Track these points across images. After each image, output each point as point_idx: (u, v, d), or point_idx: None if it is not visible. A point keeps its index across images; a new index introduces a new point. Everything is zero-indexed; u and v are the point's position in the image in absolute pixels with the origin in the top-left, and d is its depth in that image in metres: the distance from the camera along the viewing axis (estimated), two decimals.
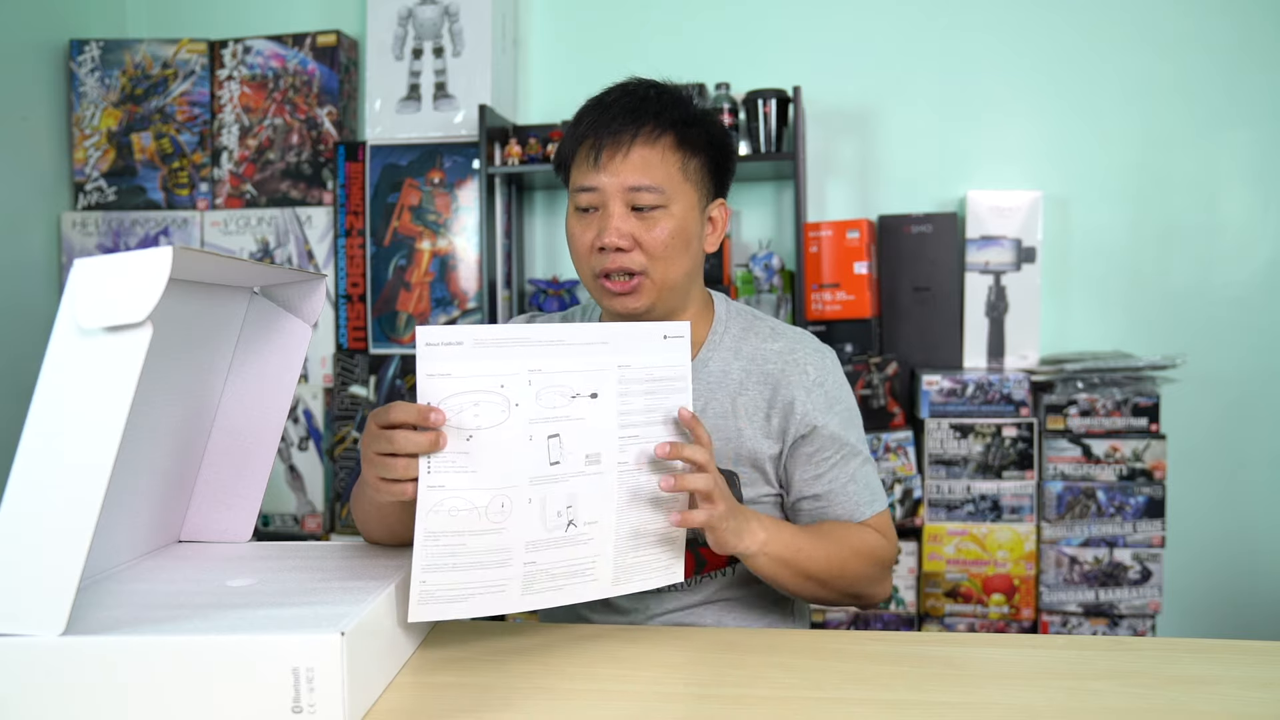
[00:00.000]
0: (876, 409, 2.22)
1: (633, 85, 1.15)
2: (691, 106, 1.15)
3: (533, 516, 0.92)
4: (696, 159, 1.13)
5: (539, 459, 0.92)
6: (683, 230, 1.12)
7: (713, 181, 1.17)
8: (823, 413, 1.17)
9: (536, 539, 0.93)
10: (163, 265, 0.75)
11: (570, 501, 0.94)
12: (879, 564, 1.16)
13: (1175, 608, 2.31)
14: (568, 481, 0.93)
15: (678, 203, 1.12)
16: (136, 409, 0.95)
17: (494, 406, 0.89)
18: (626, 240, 1.10)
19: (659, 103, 1.12)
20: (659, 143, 1.11)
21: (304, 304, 1.12)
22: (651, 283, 1.12)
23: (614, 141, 1.10)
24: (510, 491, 0.90)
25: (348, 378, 2.51)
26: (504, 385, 0.90)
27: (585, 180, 1.12)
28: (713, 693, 0.89)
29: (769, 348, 1.20)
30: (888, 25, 2.47)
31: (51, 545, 0.77)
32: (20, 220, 2.46)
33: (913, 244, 2.35)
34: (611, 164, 1.10)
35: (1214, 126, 2.36)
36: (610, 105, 1.12)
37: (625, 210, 1.11)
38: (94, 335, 0.76)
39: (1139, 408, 2.13)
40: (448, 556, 0.89)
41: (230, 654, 0.76)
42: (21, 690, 0.77)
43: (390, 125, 2.49)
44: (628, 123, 1.10)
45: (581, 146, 1.13)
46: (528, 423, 0.91)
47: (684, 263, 1.14)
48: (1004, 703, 0.85)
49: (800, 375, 1.18)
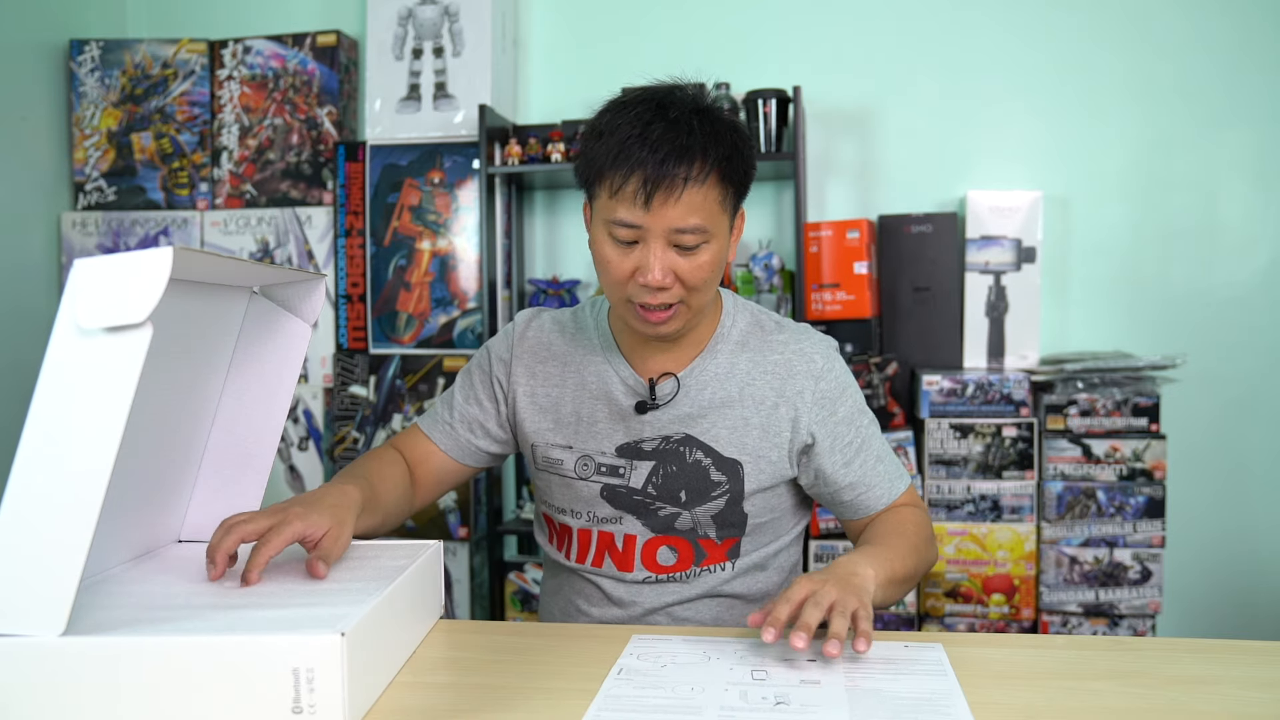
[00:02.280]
0: (876, 409, 2.22)
1: (674, 113, 1.08)
2: (730, 131, 1.11)
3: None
4: (734, 188, 1.12)
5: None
6: (720, 258, 1.12)
7: (740, 195, 1.15)
8: (835, 401, 1.20)
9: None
10: (163, 266, 0.75)
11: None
12: (932, 537, 1.23)
13: (1175, 608, 2.31)
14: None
15: (718, 235, 1.11)
16: (136, 409, 0.95)
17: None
18: (669, 278, 1.09)
19: (704, 136, 1.07)
20: (707, 182, 1.07)
21: (304, 304, 1.12)
22: (688, 309, 1.13)
23: (668, 185, 1.05)
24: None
25: (348, 378, 2.51)
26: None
27: (628, 216, 1.07)
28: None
29: (775, 339, 1.22)
30: (888, 25, 2.47)
31: (51, 546, 0.77)
32: (20, 220, 2.46)
33: (913, 244, 2.35)
34: (662, 207, 1.06)
35: (1214, 126, 2.36)
36: (658, 141, 1.06)
37: (667, 247, 1.08)
38: (94, 336, 0.76)
39: (1139, 408, 2.13)
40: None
41: (230, 654, 0.76)
42: (21, 690, 0.77)
43: (390, 125, 2.49)
44: (679, 164, 1.05)
45: (628, 181, 1.06)
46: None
47: (716, 285, 1.15)
48: (1004, 703, 0.85)
49: (808, 364, 1.20)
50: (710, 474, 1.19)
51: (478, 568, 2.46)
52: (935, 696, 0.86)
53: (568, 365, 1.25)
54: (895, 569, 1.10)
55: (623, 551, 1.22)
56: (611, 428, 1.21)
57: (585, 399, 1.23)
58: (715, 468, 1.19)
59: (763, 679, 0.90)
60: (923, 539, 1.19)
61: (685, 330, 1.17)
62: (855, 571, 1.03)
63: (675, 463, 1.19)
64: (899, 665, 0.93)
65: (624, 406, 1.21)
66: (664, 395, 1.20)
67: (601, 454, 1.21)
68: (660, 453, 1.20)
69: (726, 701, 0.84)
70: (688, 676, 0.90)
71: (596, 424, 1.22)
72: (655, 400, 1.20)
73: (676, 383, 1.20)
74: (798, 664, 0.94)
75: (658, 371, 1.21)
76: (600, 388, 1.22)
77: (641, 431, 1.20)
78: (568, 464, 1.23)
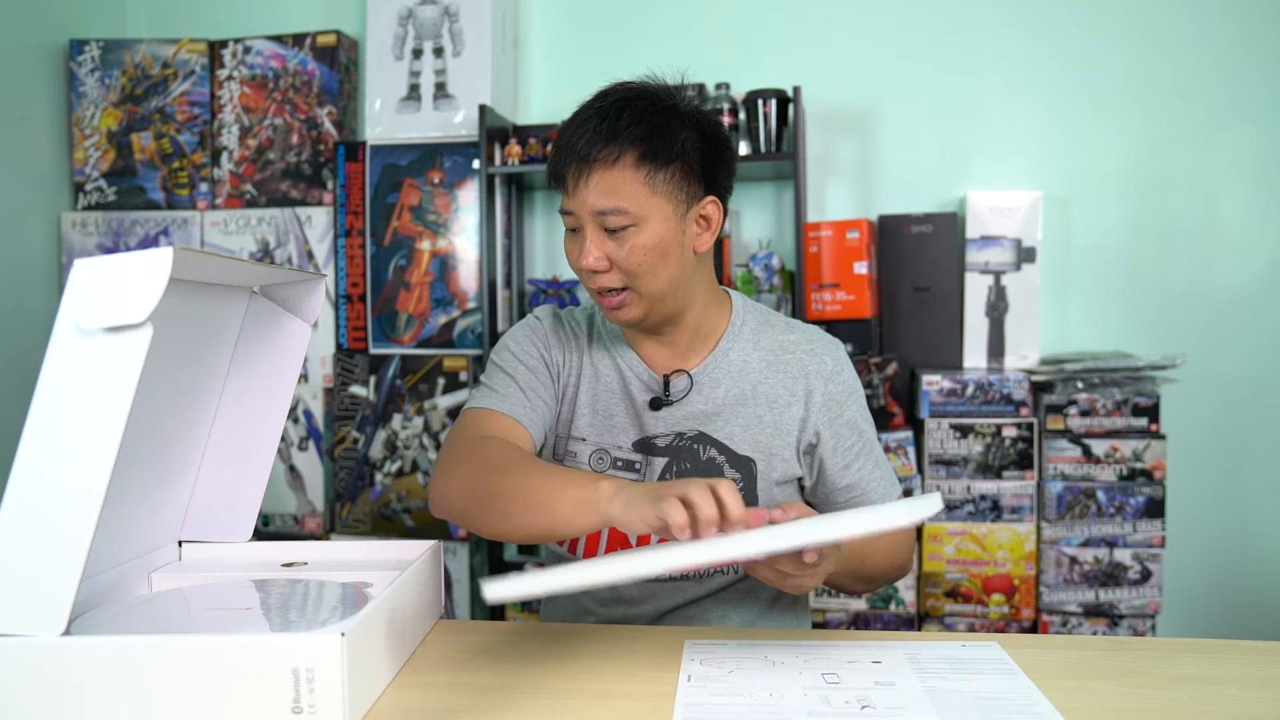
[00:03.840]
0: (876, 409, 2.22)
1: (607, 103, 1.12)
2: (662, 115, 1.11)
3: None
4: (666, 170, 1.10)
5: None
6: (657, 245, 1.11)
7: (697, 184, 1.14)
8: (842, 403, 1.22)
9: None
10: (163, 266, 0.75)
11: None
12: (911, 546, 1.26)
13: (1175, 608, 2.31)
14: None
15: (649, 219, 1.10)
16: (137, 408, 0.95)
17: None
18: (602, 262, 1.11)
19: (619, 120, 1.09)
20: (618, 164, 1.09)
21: (304, 304, 1.13)
22: (638, 295, 1.14)
23: (576, 167, 1.10)
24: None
25: (348, 378, 2.51)
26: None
27: (563, 204, 1.13)
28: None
29: (786, 339, 1.24)
30: (888, 25, 2.47)
31: (52, 545, 0.77)
32: (20, 220, 2.46)
33: (913, 244, 2.35)
34: (577, 189, 1.10)
35: (1214, 126, 2.36)
36: (578, 128, 1.11)
37: (599, 232, 1.11)
38: (94, 336, 0.76)
39: (1139, 408, 2.13)
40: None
41: (230, 654, 0.76)
42: (21, 690, 0.77)
43: (390, 125, 2.49)
44: (588, 147, 1.09)
45: (556, 167, 1.13)
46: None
47: (666, 272, 1.13)
48: None
49: (819, 365, 1.22)
50: (724, 471, 1.19)
51: (478, 568, 2.46)
52: (1014, 695, 0.86)
53: (584, 359, 1.25)
54: (858, 565, 1.14)
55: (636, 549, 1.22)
56: (627, 423, 1.22)
57: (602, 393, 1.23)
58: (729, 465, 1.19)
59: (835, 682, 0.90)
60: (900, 546, 1.22)
61: (654, 317, 1.16)
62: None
63: (689, 459, 1.20)
64: (965, 664, 0.94)
65: (639, 402, 1.21)
66: (678, 392, 1.20)
67: (618, 449, 1.21)
68: (674, 449, 1.20)
69: (810, 706, 0.84)
70: (762, 681, 0.90)
71: (613, 418, 1.22)
72: (670, 397, 1.20)
73: (689, 379, 1.20)
74: (863, 665, 0.94)
75: (670, 368, 1.21)
76: (616, 383, 1.23)
77: (655, 428, 1.20)
78: (583, 456, 1.23)
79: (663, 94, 1.14)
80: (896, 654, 0.97)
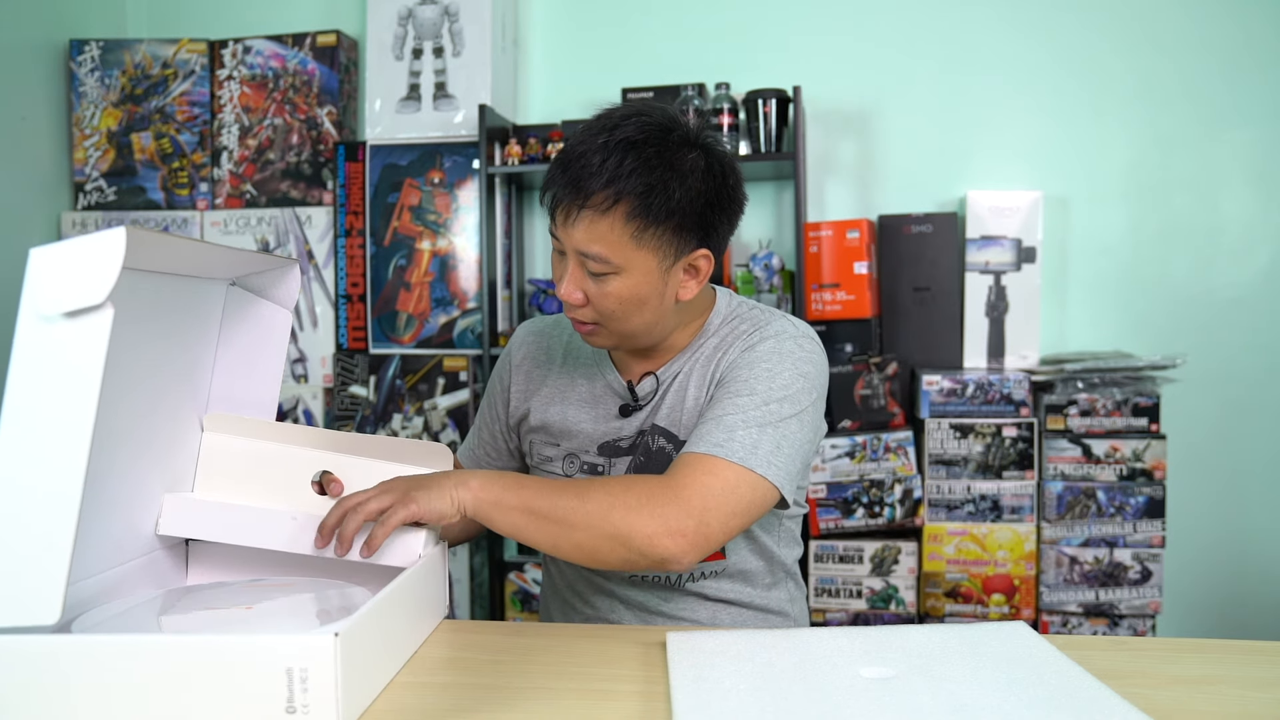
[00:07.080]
0: (876, 409, 2.21)
1: (613, 139, 1.05)
2: (665, 169, 1.05)
3: None
4: (658, 227, 1.06)
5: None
6: (633, 295, 1.08)
7: (690, 237, 1.09)
8: (749, 365, 1.13)
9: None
10: (117, 246, 0.75)
11: None
12: (644, 495, 1.01)
13: (1175, 608, 2.31)
14: None
15: (630, 271, 1.07)
16: (127, 408, 0.95)
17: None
18: (577, 296, 1.10)
19: (621, 163, 1.04)
20: (610, 213, 1.05)
21: (279, 289, 1.13)
22: (607, 331, 1.13)
23: (566, 205, 1.07)
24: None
25: (347, 378, 2.51)
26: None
27: (552, 227, 1.12)
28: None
29: (739, 328, 1.20)
30: (888, 25, 2.47)
31: (38, 533, 0.76)
32: (20, 220, 2.46)
33: (913, 244, 2.35)
34: (565, 225, 1.08)
35: (1215, 126, 2.36)
36: (575, 161, 1.06)
37: (580, 268, 1.09)
38: (55, 321, 0.76)
39: (1139, 408, 2.12)
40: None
41: (224, 654, 0.76)
42: (21, 690, 0.77)
43: (390, 125, 2.49)
44: (579, 190, 1.05)
45: (546, 194, 1.11)
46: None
47: (640, 319, 1.11)
48: None
49: (747, 338, 1.17)
50: (673, 458, 1.16)
51: (478, 568, 2.46)
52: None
53: (558, 372, 1.27)
54: (535, 502, 1.01)
55: None
56: (595, 428, 1.23)
57: (574, 401, 1.25)
58: (676, 451, 1.18)
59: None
60: (636, 495, 1.01)
61: (626, 347, 1.18)
62: (439, 480, 1.01)
63: (644, 453, 1.20)
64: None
65: (609, 408, 1.22)
66: (645, 395, 1.21)
67: (585, 452, 1.23)
68: (634, 446, 1.21)
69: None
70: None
71: (581, 424, 1.23)
72: (639, 402, 1.21)
73: (655, 380, 1.21)
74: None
75: (640, 373, 1.22)
76: (587, 392, 1.24)
77: (623, 430, 1.21)
78: (556, 462, 1.25)
79: (677, 136, 1.08)
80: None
